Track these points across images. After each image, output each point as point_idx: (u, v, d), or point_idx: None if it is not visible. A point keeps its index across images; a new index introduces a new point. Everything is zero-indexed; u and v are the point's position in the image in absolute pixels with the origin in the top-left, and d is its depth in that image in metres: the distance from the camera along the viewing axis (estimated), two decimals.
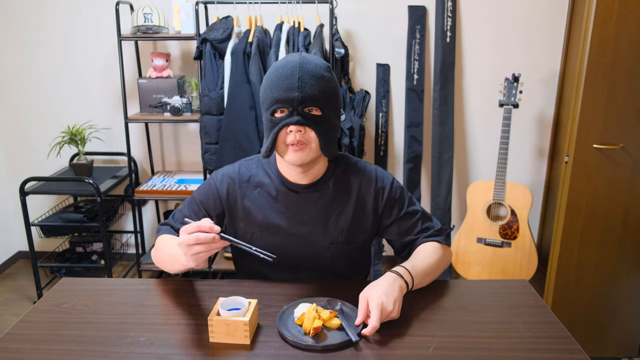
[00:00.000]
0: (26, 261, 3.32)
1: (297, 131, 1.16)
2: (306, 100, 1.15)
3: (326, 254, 1.32)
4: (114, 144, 3.09)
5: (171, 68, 2.88)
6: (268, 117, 1.19)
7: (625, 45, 2.00)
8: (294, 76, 1.14)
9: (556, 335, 1.08)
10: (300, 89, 1.14)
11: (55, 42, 2.93)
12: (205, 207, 1.32)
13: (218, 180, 1.32)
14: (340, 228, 1.31)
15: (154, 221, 3.25)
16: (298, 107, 1.15)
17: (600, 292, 2.29)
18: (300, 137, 1.16)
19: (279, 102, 1.15)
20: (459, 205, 3.13)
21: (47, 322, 1.14)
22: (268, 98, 1.18)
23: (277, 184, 1.30)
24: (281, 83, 1.15)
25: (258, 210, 1.30)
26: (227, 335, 1.04)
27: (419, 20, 2.80)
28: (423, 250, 1.29)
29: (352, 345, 1.04)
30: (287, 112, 1.16)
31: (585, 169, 2.14)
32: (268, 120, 1.19)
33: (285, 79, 1.15)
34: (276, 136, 1.18)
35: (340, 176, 1.31)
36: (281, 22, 2.51)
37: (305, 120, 1.15)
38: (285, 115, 1.16)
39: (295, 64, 1.16)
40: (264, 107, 1.20)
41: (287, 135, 1.17)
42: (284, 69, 1.16)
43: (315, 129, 1.17)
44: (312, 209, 1.29)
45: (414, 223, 1.34)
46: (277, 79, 1.16)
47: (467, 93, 2.94)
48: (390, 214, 1.33)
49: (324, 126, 1.18)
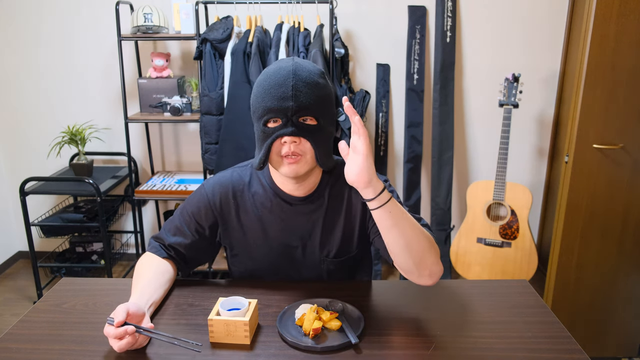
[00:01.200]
0: (26, 261, 3.32)
1: (291, 142, 1.10)
2: (301, 110, 1.09)
3: (322, 265, 1.30)
4: (114, 144, 3.09)
5: (171, 68, 2.88)
6: (260, 128, 1.13)
7: (625, 45, 2.00)
8: (287, 84, 1.09)
9: (556, 335, 1.08)
10: (294, 98, 1.08)
11: (56, 42, 2.94)
12: (197, 218, 1.26)
13: (209, 190, 1.27)
14: (334, 240, 1.27)
15: (154, 221, 3.25)
16: (292, 117, 1.09)
17: (600, 292, 2.29)
18: (295, 148, 1.11)
19: (272, 111, 1.10)
20: (459, 205, 3.13)
21: (47, 322, 1.14)
22: (260, 107, 1.12)
23: (271, 196, 1.25)
24: (274, 92, 1.09)
25: (253, 221, 1.27)
26: (227, 336, 1.04)
27: (419, 20, 2.80)
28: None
29: (352, 347, 1.04)
30: (280, 122, 1.10)
31: (585, 169, 2.14)
32: (260, 131, 1.13)
33: (278, 87, 1.09)
34: (270, 147, 1.12)
35: (334, 185, 1.27)
36: (281, 22, 2.51)
37: (300, 131, 1.10)
38: (279, 126, 1.10)
39: (289, 71, 1.10)
40: (256, 117, 1.14)
41: (282, 147, 1.12)
42: (276, 76, 1.10)
43: (311, 140, 1.12)
44: (307, 221, 1.26)
45: None
46: (270, 87, 1.10)
47: (467, 93, 2.94)
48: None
49: (320, 136, 1.13)
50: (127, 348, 0.99)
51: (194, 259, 1.31)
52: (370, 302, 1.21)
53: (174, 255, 1.28)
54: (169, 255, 1.27)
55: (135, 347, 1.02)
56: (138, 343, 1.01)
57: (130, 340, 0.99)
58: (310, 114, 1.11)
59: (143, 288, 1.15)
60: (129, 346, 0.99)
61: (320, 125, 1.13)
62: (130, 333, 0.98)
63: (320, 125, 1.13)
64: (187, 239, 1.27)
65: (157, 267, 1.23)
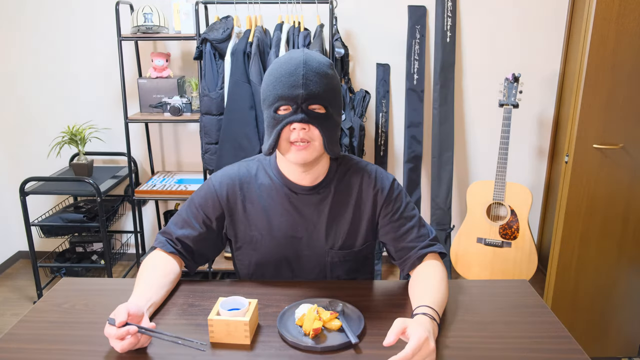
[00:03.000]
0: (26, 261, 3.32)
1: (301, 129, 1.14)
2: (310, 98, 1.13)
3: (326, 257, 1.30)
4: (114, 144, 3.09)
5: (171, 68, 2.88)
6: (271, 114, 1.16)
7: (625, 45, 2.00)
8: (298, 73, 1.12)
9: (556, 335, 1.08)
10: (304, 86, 1.12)
11: (56, 42, 2.94)
12: (204, 210, 1.29)
13: (217, 182, 1.29)
14: (340, 232, 1.28)
15: (154, 221, 3.25)
16: (302, 104, 1.13)
17: (600, 292, 2.29)
18: (304, 135, 1.14)
19: (282, 99, 1.13)
20: (459, 205, 3.13)
21: (47, 322, 1.14)
22: (271, 95, 1.15)
23: (278, 186, 1.27)
24: (285, 80, 1.13)
25: (259, 212, 1.28)
26: (227, 335, 1.04)
27: (419, 20, 2.80)
28: (433, 276, 1.19)
29: (352, 347, 1.04)
30: (291, 109, 1.14)
31: (585, 169, 2.14)
32: (271, 118, 1.17)
33: (289, 75, 1.13)
34: (279, 133, 1.15)
35: (341, 178, 1.29)
36: (281, 22, 2.51)
37: (310, 118, 1.13)
38: (289, 113, 1.14)
39: (299, 61, 1.14)
40: (266, 104, 1.18)
41: (291, 133, 1.15)
42: (288, 65, 1.14)
43: (319, 127, 1.15)
44: (313, 212, 1.27)
45: (410, 229, 1.27)
46: (281, 75, 1.14)
47: (467, 93, 2.95)
48: (387, 215, 1.28)
49: (328, 124, 1.17)
50: (129, 348, 0.99)
51: (200, 254, 1.32)
52: (370, 302, 1.21)
53: (181, 249, 1.28)
54: (175, 249, 1.28)
55: (137, 348, 1.02)
56: (140, 343, 1.01)
57: (132, 341, 0.99)
58: (320, 102, 1.14)
59: (144, 288, 1.15)
60: (131, 346, 0.99)
61: (329, 113, 1.17)
62: (133, 333, 0.98)
63: (328, 113, 1.16)
64: (195, 232, 1.28)
65: (162, 268, 1.23)
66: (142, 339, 1.01)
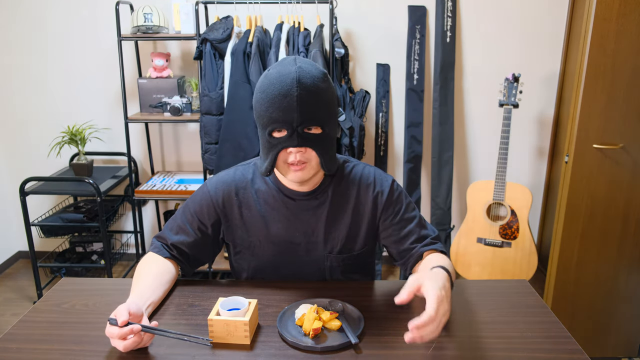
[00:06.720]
0: (26, 261, 3.32)
1: (297, 152, 1.12)
2: (306, 121, 1.10)
3: (325, 262, 1.30)
4: (114, 144, 3.09)
5: (171, 68, 2.88)
6: (266, 137, 1.14)
7: (625, 45, 2.00)
8: (291, 94, 1.08)
9: (556, 335, 1.08)
10: (299, 110, 1.08)
11: (56, 42, 2.94)
12: (200, 217, 1.27)
13: (212, 188, 1.27)
14: (339, 236, 1.27)
15: (154, 221, 3.25)
16: (297, 127, 1.10)
17: (600, 292, 2.29)
18: (300, 157, 1.13)
19: (277, 122, 1.10)
20: (459, 205, 3.13)
21: (47, 322, 1.14)
22: (264, 116, 1.12)
23: (274, 191, 1.26)
24: (279, 102, 1.09)
25: (256, 218, 1.27)
26: (227, 335, 1.04)
27: (419, 20, 2.80)
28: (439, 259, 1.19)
29: (352, 347, 1.04)
30: (286, 132, 1.11)
31: (585, 169, 2.14)
32: (266, 140, 1.14)
33: (283, 97, 1.08)
34: (275, 157, 1.14)
35: (339, 182, 1.27)
36: (281, 22, 2.51)
37: (305, 141, 1.11)
38: (284, 137, 1.11)
39: (293, 78, 1.09)
40: (260, 124, 1.14)
41: (288, 155, 1.14)
42: (281, 84, 1.09)
43: (316, 148, 1.13)
44: (311, 217, 1.26)
45: (411, 230, 1.27)
46: (274, 96, 1.09)
47: (467, 93, 2.94)
48: (387, 217, 1.27)
49: (324, 143, 1.15)
50: (132, 347, 0.99)
51: (196, 258, 1.31)
52: (370, 302, 1.21)
53: (176, 254, 1.28)
54: (171, 255, 1.27)
55: (140, 347, 1.02)
56: (143, 342, 1.01)
57: (136, 339, 0.99)
58: (316, 123, 1.12)
59: (142, 288, 1.15)
60: (134, 345, 0.99)
61: (325, 132, 1.15)
62: (137, 332, 0.98)
63: (325, 132, 1.15)
64: (190, 238, 1.27)
65: (158, 268, 1.23)
66: (145, 337, 1.01)
